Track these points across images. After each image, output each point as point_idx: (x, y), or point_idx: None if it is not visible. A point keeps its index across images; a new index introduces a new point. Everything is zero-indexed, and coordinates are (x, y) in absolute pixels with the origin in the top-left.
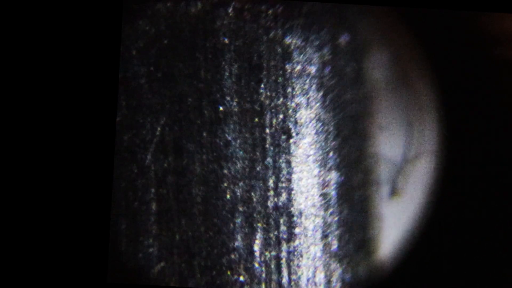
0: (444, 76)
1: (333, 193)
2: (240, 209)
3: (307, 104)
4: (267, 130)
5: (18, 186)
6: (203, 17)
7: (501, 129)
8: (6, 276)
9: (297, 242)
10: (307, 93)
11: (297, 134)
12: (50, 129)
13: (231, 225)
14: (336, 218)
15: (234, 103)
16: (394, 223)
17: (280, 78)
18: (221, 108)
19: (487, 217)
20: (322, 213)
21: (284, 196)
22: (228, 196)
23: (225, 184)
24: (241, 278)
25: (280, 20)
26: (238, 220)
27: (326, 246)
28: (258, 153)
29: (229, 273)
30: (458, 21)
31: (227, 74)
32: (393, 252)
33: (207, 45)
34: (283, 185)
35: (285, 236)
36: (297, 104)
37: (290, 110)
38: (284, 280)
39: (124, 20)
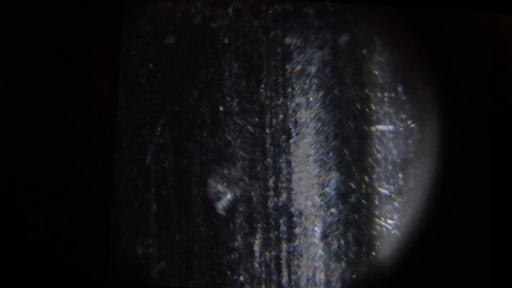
0: (444, 76)
1: (333, 193)
2: (240, 209)
3: (307, 104)
4: (267, 130)
5: (18, 186)
6: (203, 17)
7: (501, 129)
8: (7, 276)
9: (297, 242)
10: (307, 93)
11: (297, 134)
12: (50, 129)
13: (231, 225)
14: (336, 218)
15: (234, 103)
16: (394, 223)
17: (280, 78)
18: (221, 108)
19: (487, 217)
20: (322, 213)
21: (284, 196)
22: (228, 196)
23: (225, 184)
24: (241, 278)
25: (280, 20)
26: (238, 220)
27: (326, 246)
28: (258, 153)
29: (229, 273)
30: (458, 21)
31: (227, 74)
32: (393, 252)
33: (207, 45)
34: (283, 185)
35: (285, 236)
36: (297, 104)
37: (290, 110)
38: (284, 280)
39: (124, 20)
